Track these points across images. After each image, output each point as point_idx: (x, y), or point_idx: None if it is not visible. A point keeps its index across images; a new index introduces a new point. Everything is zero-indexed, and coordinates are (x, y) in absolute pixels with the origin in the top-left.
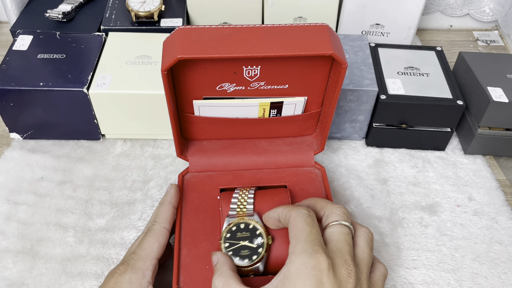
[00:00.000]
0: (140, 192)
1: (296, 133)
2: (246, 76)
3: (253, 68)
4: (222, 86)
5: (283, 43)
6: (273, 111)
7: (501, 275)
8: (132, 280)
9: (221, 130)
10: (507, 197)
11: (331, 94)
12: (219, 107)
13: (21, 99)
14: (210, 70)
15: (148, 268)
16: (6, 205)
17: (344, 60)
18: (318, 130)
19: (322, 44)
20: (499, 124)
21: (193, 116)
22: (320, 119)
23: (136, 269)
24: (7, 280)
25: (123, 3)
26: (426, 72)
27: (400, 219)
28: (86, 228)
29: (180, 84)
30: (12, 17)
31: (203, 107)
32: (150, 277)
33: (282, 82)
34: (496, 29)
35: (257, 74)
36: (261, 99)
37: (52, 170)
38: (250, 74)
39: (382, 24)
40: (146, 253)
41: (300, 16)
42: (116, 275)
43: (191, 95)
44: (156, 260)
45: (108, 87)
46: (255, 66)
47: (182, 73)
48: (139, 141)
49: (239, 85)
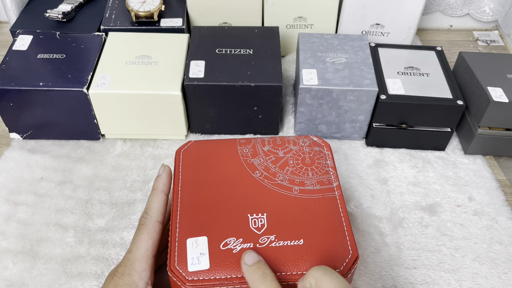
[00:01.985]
0: (140, 192)
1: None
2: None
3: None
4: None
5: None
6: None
7: (501, 275)
8: (130, 282)
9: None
10: (507, 197)
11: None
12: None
13: (21, 99)
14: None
15: (145, 269)
16: (6, 205)
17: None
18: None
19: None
20: (499, 124)
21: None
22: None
23: (133, 272)
24: (7, 281)
25: (123, 3)
26: (426, 72)
27: (400, 219)
28: (86, 228)
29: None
30: (12, 17)
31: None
32: (148, 278)
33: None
34: (496, 29)
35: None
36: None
37: (52, 170)
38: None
39: (382, 24)
40: (142, 253)
41: (300, 16)
42: (116, 278)
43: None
44: (152, 259)
45: (108, 87)
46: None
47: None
48: (139, 141)
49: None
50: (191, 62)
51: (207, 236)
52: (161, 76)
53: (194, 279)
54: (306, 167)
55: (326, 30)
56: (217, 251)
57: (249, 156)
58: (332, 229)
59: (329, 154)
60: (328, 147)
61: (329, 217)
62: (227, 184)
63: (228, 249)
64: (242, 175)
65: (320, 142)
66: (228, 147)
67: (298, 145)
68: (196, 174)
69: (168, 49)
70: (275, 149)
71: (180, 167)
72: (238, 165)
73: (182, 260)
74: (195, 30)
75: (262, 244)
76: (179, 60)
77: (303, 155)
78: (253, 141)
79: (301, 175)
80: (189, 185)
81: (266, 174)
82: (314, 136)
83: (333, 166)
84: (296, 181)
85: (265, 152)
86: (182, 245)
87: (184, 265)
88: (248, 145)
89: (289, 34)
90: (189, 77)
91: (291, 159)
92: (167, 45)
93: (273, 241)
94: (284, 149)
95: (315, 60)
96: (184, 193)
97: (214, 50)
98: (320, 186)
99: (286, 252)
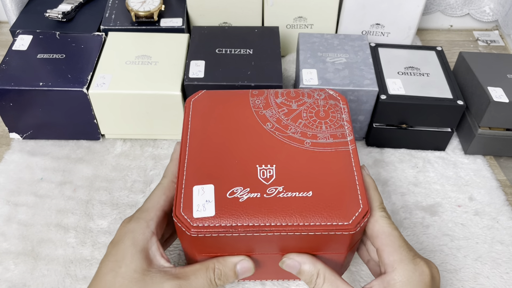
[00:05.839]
0: (141, 194)
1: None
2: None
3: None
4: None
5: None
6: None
7: (503, 275)
8: (135, 229)
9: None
10: (507, 197)
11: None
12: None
13: (21, 99)
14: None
15: (152, 219)
16: (6, 206)
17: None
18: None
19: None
20: (499, 124)
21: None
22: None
23: (140, 219)
24: (9, 282)
25: (123, 3)
26: (426, 72)
27: (402, 219)
28: (87, 229)
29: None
30: (12, 17)
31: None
32: (154, 228)
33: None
34: (497, 29)
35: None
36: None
37: (52, 170)
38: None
39: (382, 24)
40: (152, 205)
41: (300, 16)
42: (121, 226)
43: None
44: (162, 212)
45: (108, 87)
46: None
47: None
48: (139, 141)
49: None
50: (191, 62)
51: (213, 184)
52: (161, 76)
53: (199, 225)
54: (319, 120)
55: (326, 30)
56: (224, 199)
57: (261, 107)
58: (343, 182)
59: (345, 108)
60: (344, 101)
61: (340, 171)
62: (236, 134)
63: (235, 198)
64: (252, 126)
65: (336, 95)
66: (239, 97)
67: (312, 97)
68: (206, 123)
69: (168, 49)
70: (288, 101)
71: (190, 115)
72: (248, 115)
73: (187, 206)
74: (195, 30)
75: (269, 195)
76: (179, 60)
77: (317, 108)
78: (266, 93)
79: (314, 128)
80: (197, 134)
81: (277, 126)
82: (330, 89)
83: (348, 120)
84: (308, 134)
85: (277, 104)
86: (188, 192)
87: (190, 212)
88: (261, 97)
89: (289, 34)
90: (189, 77)
91: (305, 112)
92: (167, 45)
93: (281, 191)
94: (298, 101)
95: (315, 60)
96: (192, 141)
97: (214, 50)
98: (334, 139)
99: (293, 203)
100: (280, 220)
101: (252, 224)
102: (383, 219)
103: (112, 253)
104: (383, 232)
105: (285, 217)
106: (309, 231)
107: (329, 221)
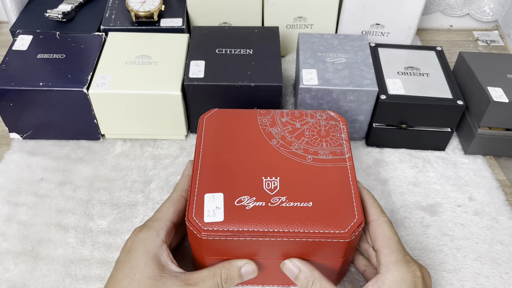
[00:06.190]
0: (141, 194)
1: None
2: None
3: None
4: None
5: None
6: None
7: (503, 275)
8: (147, 237)
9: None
10: (507, 197)
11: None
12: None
13: (21, 99)
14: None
15: (162, 228)
16: (6, 206)
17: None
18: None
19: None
20: (499, 124)
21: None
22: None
23: (151, 228)
24: (9, 282)
25: (123, 3)
26: (426, 72)
27: (401, 219)
28: (87, 229)
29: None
30: (12, 17)
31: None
32: (164, 236)
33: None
34: (496, 29)
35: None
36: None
37: (52, 170)
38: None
39: (382, 24)
40: (162, 215)
41: (300, 16)
42: (133, 235)
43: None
44: (171, 223)
45: (108, 87)
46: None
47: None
48: (139, 141)
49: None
50: (191, 62)
51: (223, 193)
52: (161, 76)
53: (209, 229)
54: (321, 139)
55: (326, 30)
56: (232, 206)
57: (268, 125)
58: (341, 195)
59: (344, 128)
60: (344, 122)
61: (338, 184)
62: (244, 149)
63: (242, 206)
64: (259, 142)
65: (337, 117)
66: (248, 116)
67: (315, 118)
68: (217, 138)
69: (168, 49)
70: (292, 120)
71: (203, 131)
72: (256, 132)
73: (199, 212)
74: (195, 30)
75: (273, 204)
76: (179, 60)
77: (319, 127)
78: (272, 112)
79: (315, 145)
80: (209, 148)
81: (282, 143)
82: (331, 111)
83: (347, 139)
84: (310, 150)
85: (283, 122)
86: (200, 199)
87: (201, 217)
88: (268, 116)
89: (289, 34)
90: (189, 77)
91: (307, 131)
92: (167, 45)
93: (284, 201)
94: (301, 121)
95: (315, 60)
96: (204, 154)
97: (214, 50)
98: (333, 156)
99: (295, 212)
100: (283, 227)
101: (257, 230)
102: (386, 224)
103: (126, 260)
104: (384, 235)
105: (287, 224)
106: (309, 237)
107: (327, 229)
